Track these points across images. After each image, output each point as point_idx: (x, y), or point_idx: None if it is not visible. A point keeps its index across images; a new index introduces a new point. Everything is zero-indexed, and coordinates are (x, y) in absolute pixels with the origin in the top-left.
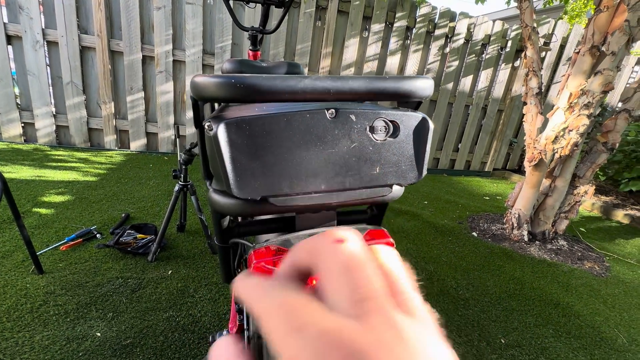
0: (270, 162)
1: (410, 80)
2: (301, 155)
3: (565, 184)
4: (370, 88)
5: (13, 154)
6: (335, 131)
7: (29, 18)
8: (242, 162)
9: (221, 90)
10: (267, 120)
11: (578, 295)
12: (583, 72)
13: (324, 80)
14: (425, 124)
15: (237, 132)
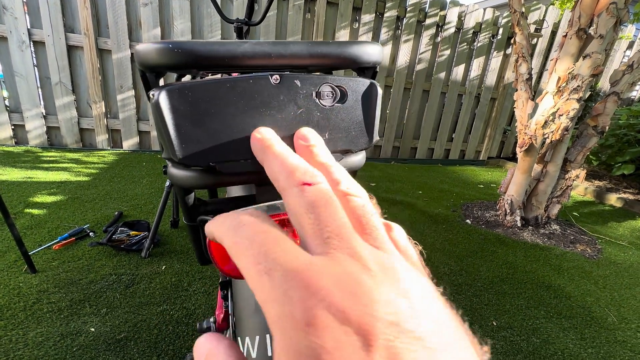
0: (216, 128)
1: (355, 44)
2: (247, 121)
3: (556, 168)
4: (312, 52)
5: (4, 157)
6: (281, 97)
7: (14, 18)
8: (186, 129)
9: (160, 57)
10: (210, 86)
11: (570, 277)
12: (571, 55)
13: (264, 45)
14: (373, 90)
15: (180, 99)
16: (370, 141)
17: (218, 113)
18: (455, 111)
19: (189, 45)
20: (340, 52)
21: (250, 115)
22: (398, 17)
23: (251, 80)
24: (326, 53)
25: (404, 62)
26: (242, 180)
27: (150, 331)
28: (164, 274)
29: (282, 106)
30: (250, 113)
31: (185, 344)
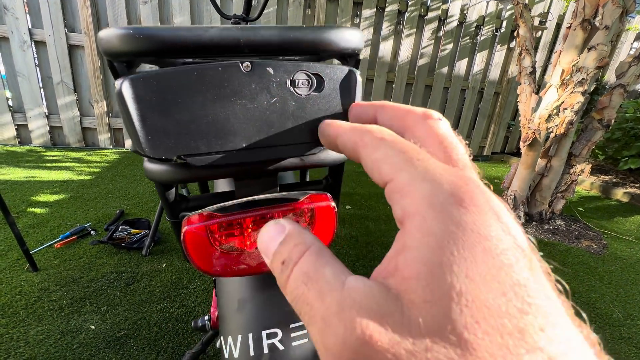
0: (184, 119)
1: (332, 29)
2: (217, 111)
3: (561, 163)
4: (285, 37)
5: (7, 157)
6: (253, 85)
7: (15, 18)
8: (153, 120)
9: (122, 43)
10: (177, 75)
11: (574, 273)
12: (575, 47)
13: (233, 30)
14: (352, 77)
15: (145, 88)
16: None
17: (186, 103)
18: (458, 106)
19: (152, 31)
20: (315, 37)
21: (221, 105)
22: (399, 12)
23: (220, 67)
24: (300, 39)
25: (406, 57)
26: (219, 175)
27: (150, 329)
28: (164, 271)
29: (254, 95)
30: (221, 103)
31: (184, 342)
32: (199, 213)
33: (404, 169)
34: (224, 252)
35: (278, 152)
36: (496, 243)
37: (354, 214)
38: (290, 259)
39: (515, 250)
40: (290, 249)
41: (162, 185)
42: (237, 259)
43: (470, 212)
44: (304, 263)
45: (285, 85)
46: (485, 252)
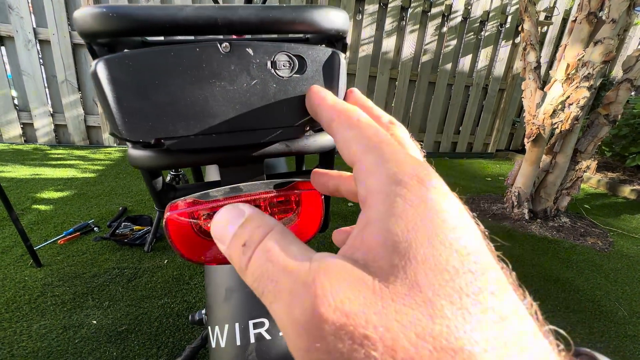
0: (161, 101)
1: (313, 8)
2: (195, 93)
3: (566, 159)
4: (263, 16)
5: (13, 155)
6: (232, 67)
7: (20, 17)
8: (129, 102)
9: (95, 22)
10: (153, 55)
11: (579, 270)
12: (581, 41)
13: (209, 9)
14: (335, 59)
15: (120, 69)
16: None
17: (163, 84)
18: (462, 103)
19: (125, 10)
20: (295, 16)
21: (199, 86)
22: (402, 7)
23: (198, 48)
24: (279, 18)
25: (409, 54)
26: (202, 161)
27: (151, 324)
28: (166, 267)
29: (234, 77)
30: (199, 84)
31: (185, 337)
32: (182, 199)
33: (372, 151)
34: (207, 239)
35: (259, 136)
36: (451, 216)
37: (356, 210)
38: (252, 240)
39: (467, 225)
40: (251, 230)
41: (148, 173)
42: None
43: (429, 191)
44: (268, 242)
45: (265, 66)
46: (443, 222)
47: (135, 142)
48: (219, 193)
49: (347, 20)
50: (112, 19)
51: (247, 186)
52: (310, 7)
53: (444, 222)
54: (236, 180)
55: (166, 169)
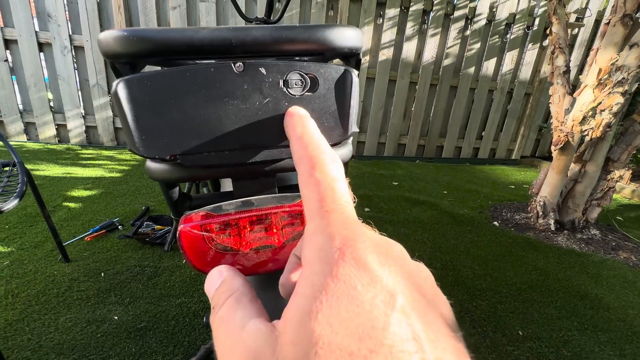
0: (177, 119)
1: (326, 28)
2: (209, 112)
3: (597, 168)
4: (277, 37)
5: (48, 154)
6: (245, 86)
7: (57, 25)
8: (146, 120)
9: (117, 45)
10: (170, 76)
11: (609, 286)
12: (614, 44)
13: (224, 31)
14: (347, 77)
15: (139, 89)
16: (345, 133)
17: (179, 103)
18: (485, 108)
19: (145, 33)
20: (308, 36)
21: (213, 105)
22: (424, 11)
23: (212, 68)
24: (292, 38)
25: (430, 58)
26: (215, 174)
27: (169, 322)
28: (184, 267)
29: (247, 96)
30: (213, 103)
31: (200, 337)
32: (195, 212)
33: (313, 218)
34: (219, 251)
35: (271, 153)
36: (363, 291)
37: (373, 216)
38: (217, 304)
39: (380, 294)
40: (219, 294)
41: (165, 184)
42: (232, 259)
43: (348, 265)
44: (223, 308)
45: (278, 85)
46: (351, 300)
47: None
48: (231, 207)
49: (360, 37)
50: (133, 42)
51: (259, 200)
52: (323, 27)
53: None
54: (249, 193)
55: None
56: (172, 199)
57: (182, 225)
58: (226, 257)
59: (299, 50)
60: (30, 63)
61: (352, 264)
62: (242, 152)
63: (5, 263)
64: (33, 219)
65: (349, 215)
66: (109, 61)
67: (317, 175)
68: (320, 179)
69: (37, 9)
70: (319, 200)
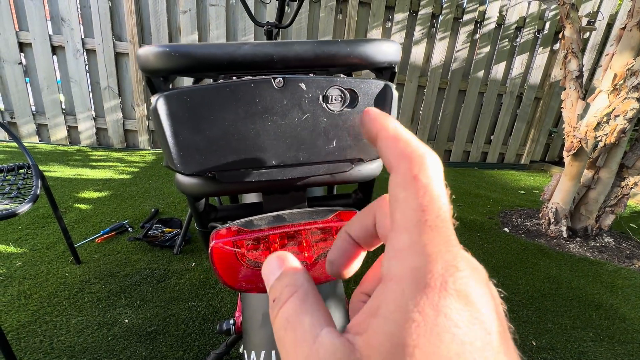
0: (215, 135)
1: (367, 42)
2: (248, 128)
3: (611, 175)
4: (319, 52)
5: (59, 155)
6: (284, 102)
7: (70, 29)
8: (185, 136)
9: (158, 60)
10: (209, 91)
11: (625, 296)
12: (630, 49)
13: (266, 46)
14: (387, 92)
15: (178, 104)
16: None
17: (217, 119)
18: (494, 112)
19: (187, 49)
20: (350, 51)
21: (252, 121)
22: (433, 15)
23: (252, 84)
24: (334, 53)
25: (439, 61)
26: (247, 189)
27: (178, 326)
28: (193, 270)
29: (286, 111)
30: (252, 119)
31: (209, 341)
32: (226, 227)
33: (410, 230)
34: (249, 267)
35: (308, 170)
36: (465, 329)
37: None
38: (279, 299)
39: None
40: (281, 288)
41: (192, 197)
42: None
43: (450, 297)
44: (288, 307)
45: (317, 101)
46: (452, 338)
47: (188, 175)
48: (263, 222)
49: (399, 51)
50: (174, 58)
51: (290, 215)
52: (364, 41)
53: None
54: (279, 207)
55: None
56: (197, 210)
57: (214, 241)
58: (257, 273)
59: (340, 65)
60: (43, 66)
61: (454, 295)
62: (279, 169)
63: (18, 264)
64: (45, 220)
65: (451, 235)
66: (145, 76)
67: (422, 179)
68: (426, 184)
69: (51, 13)
70: (420, 210)
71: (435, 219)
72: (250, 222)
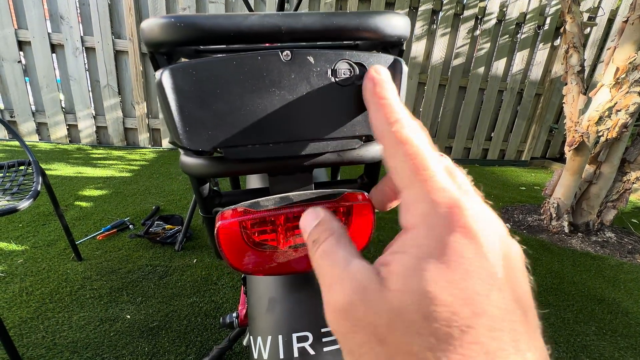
0: (221, 110)
1: (377, 14)
2: (254, 102)
3: (612, 170)
4: (327, 24)
5: (59, 154)
6: (292, 75)
7: (69, 27)
8: (191, 111)
9: (163, 32)
10: (215, 64)
11: (627, 291)
12: (632, 42)
13: (273, 17)
14: (397, 66)
15: (184, 78)
16: None
17: (224, 93)
18: (495, 108)
19: (192, 19)
20: (359, 23)
21: (259, 95)
22: (433, 11)
23: (259, 57)
24: (343, 25)
25: (440, 58)
26: (253, 169)
27: (180, 322)
28: (195, 267)
29: (294, 86)
30: (259, 93)
31: (212, 337)
32: (232, 208)
33: (411, 187)
34: (256, 249)
35: (316, 147)
36: (470, 260)
37: (383, 217)
38: (318, 240)
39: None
40: (319, 232)
41: (196, 180)
42: (270, 257)
43: (457, 233)
44: (326, 244)
45: (326, 75)
46: (458, 266)
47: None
48: (270, 202)
49: (409, 25)
50: (180, 28)
51: (297, 196)
52: (374, 14)
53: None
54: (285, 189)
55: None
56: (202, 195)
57: (220, 221)
58: (264, 255)
59: (348, 38)
60: (42, 64)
61: (460, 232)
62: (287, 145)
63: (19, 261)
64: (46, 217)
65: (446, 182)
66: (149, 51)
67: (404, 147)
68: (408, 150)
69: (50, 11)
70: (411, 170)
71: (427, 172)
72: (256, 203)
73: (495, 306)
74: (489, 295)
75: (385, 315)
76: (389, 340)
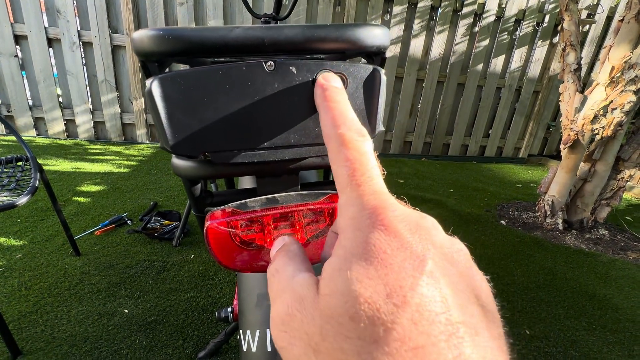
0: (208, 117)
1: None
2: (239, 110)
3: (607, 168)
4: (308, 36)
5: (57, 149)
6: (275, 84)
7: (66, 21)
8: (179, 118)
9: (152, 44)
10: (202, 74)
11: (618, 287)
12: (628, 41)
13: (257, 30)
14: (376, 76)
15: (172, 87)
16: (372, 131)
17: (211, 101)
18: (493, 105)
19: (180, 32)
20: (339, 35)
21: (243, 103)
22: (432, 7)
23: (244, 67)
24: (323, 37)
25: (438, 54)
26: (241, 172)
27: (178, 316)
28: (192, 262)
29: (277, 94)
30: (244, 101)
31: (209, 331)
32: (221, 209)
33: (344, 191)
34: (244, 248)
35: (299, 152)
36: (392, 255)
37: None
38: (273, 259)
39: (409, 259)
40: (277, 254)
41: (188, 181)
42: (257, 256)
43: (378, 231)
44: (277, 262)
45: (307, 84)
46: (380, 262)
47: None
48: (257, 204)
49: (388, 36)
50: (167, 41)
51: (283, 197)
52: (353, 26)
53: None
54: (272, 191)
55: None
56: (194, 195)
57: (209, 221)
58: (251, 253)
59: (330, 49)
60: (39, 59)
61: (382, 230)
62: (271, 151)
63: (18, 256)
64: (44, 213)
65: (379, 187)
66: (140, 60)
67: (345, 152)
68: (348, 155)
69: (47, 5)
70: (348, 174)
71: (361, 177)
72: (244, 204)
73: (423, 295)
74: (414, 286)
75: (318, 322)
76: (322, 349)
